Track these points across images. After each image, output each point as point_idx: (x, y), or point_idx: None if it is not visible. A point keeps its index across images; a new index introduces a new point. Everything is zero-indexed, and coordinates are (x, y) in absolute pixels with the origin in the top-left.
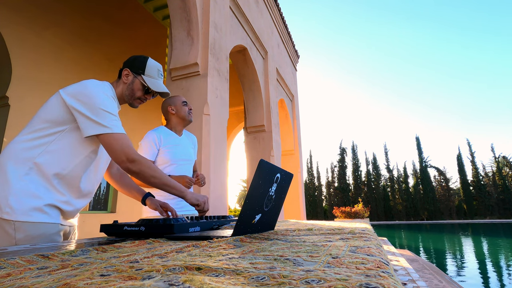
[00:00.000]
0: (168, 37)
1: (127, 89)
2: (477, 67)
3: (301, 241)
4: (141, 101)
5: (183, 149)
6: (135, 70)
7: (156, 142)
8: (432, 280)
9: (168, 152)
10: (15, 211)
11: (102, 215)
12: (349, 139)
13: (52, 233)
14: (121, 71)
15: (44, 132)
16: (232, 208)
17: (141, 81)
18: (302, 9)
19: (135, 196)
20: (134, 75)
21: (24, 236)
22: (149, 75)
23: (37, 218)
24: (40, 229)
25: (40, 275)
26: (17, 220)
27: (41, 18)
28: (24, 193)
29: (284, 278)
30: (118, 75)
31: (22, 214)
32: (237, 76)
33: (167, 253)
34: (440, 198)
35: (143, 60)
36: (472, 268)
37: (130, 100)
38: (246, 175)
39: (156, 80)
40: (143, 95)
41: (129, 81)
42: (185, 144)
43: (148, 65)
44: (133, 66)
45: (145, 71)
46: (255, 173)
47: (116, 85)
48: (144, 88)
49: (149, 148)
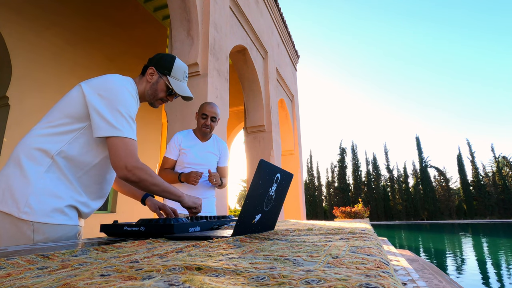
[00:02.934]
0: (168, 37)
1: (150, 88)
2: (477, 67)
3: (301, 241)
4: (162, 102)
5: (199, 153)
6: (161, 69)
7: (177, 143)
8: (432, 280)
9: (183, 155)
10: (35, 211)
11: (102, 215)
12: (349, 139)
13: (71, 235)
14: (145, 68)
15: (64, 127)
16: (232, 208)
17: (166, 82)
18: (302, 9)
19: (135, 196)
20: (159, 75)
21: (43, 238)
22: (175, 76)
23: (57, 220)
24: (59, 231)
25: (40, 275)
26: (37, 221)
27: (41, 18)
28: (45, 193)
29: (284, 278)
30: (142, 72)
31: (42, 215)
32: (237, 76)
33: (167, 253)
34: (440, 198)
35: (171, 60)
36: (472, 268)
37: (151, 100)
38: (246, 175)
39: (181, 82)
40: (166, 97)
41: (154, 81)
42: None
43: (175, 66)
44: (159, 65)
45: (171, 72)
46: (255, 173)
47: (138, 81)
48: (168, 90)
49: (172, 149)
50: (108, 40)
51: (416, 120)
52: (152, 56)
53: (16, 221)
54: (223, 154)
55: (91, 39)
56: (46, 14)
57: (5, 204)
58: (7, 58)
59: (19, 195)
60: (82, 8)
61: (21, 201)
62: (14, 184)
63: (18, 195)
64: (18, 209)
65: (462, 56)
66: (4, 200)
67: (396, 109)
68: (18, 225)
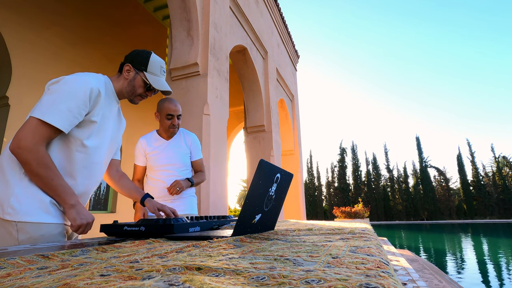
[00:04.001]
0: (168, 37)
1: (128, 85)
2: (477, 67)
3: (301, 241)
4: (141, 98)
5: (166, 154)
6: (137, 66)
7: (142, 148)
8: (432, 280)
9: (150, 159)
10: (17, 211)
11: (102, 215)
12: (349, 139)
13: (54, 233)
14: (122, 66)
15: None
16: (232, 208)
17: (143, 78)
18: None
19: (134, 197)
20: (136, 71)
21: (26, 238)
22: (152, 72)
23: (39, 218)
24: (42, 229)
25: (40, 275)
26: (20, 221)
27: (41, 18)
28: (25, 193)
29: (284, 278)
30: (119, 69)
31: (24, 215)
32: (237, 76)
33: (167, 253)
34: (440, 198)
35: (146, 55)
36: (472, 268)
37: (130, 96)
38: (246, 175)
39: (158, 77)
40: (144, 92)
41: (130, 77)
42: (171, 148)
43: (151, 61)
44: (135, 61)
45: (147, 67)
46: (255, 173)
47: (116, 79)
48: (146, 85)
49: (139, 155)
50: (108, 40)
51: (416, 120)
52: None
53: (2, 222)
54: (194, 147)
55: (91, 38)
56: (46, 14)
57: None
58: (7, 58)
59: (2, 198)
60: (82, 8)
61: (4, 203)
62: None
63: (1, 198)
64: (2, 210)
65: (462, 56)
66: None
67: (396, 109)
68: (4, 225)
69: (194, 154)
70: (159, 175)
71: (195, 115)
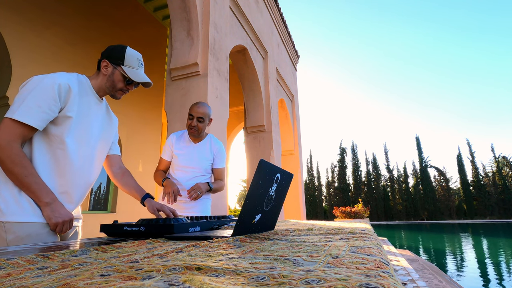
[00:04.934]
0: (168, 37)
1: (107, 80)
2: (477, 67)
3: (301, 241)
4: (123, 92)
5: (190, 156)
6: (113, 60)
7: (170, 144)
8: (432, 280)
9: (175, 158)
10: (4, 212)
11: (102, 215)
12: (349, 139)
13: (42, 232)
14: (99, 63)
15: None
16: (232, 208)
17: (121, 72)
18: (302, 9)
19: (135, 196)
20: (113, 66)
21: (13, 238)
22: (129, 65)
23: (25, 218)
24: (29, 229)
25: (40, 275)
26: (6, 221)
27: (41, 18)
28: (11, 194)
29: (284, 278)
30: (97, 67)
31: (11, 215)
32: (237, 76)
33: (167, 253)
34: (440, 198)
35: (121, 49)
36: (472, 268)
37: (111, 91)
38: (246, 175)
39: (136, 70)
40: (125, 86)
41: (109, 73)
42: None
43: (127, 55)
44: (111, 56)
45: (124, 61)
46: (255, 173)
47: (95, 77)
48: (125, 79)
49: (166, 150)
50: (108, 40)
51: (416, 120)
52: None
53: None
54: (218, 155)
55: (91, 38)
56: (46, 14)
57: None
58: (7, 58)
59: None
60: (82, 8)
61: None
62: None
63: None
64: None
65: (462, 56)
66: None
67: (396, 109)
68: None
69: (217, 162)
70: (178, 175)
71: None
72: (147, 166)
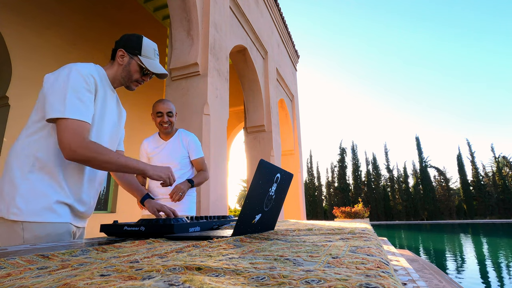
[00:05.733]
0: (168, 37)
1: (123, 70)
2: (477, 67)
3: (301, 241)
4: (138, 84)
5: (163, 154)
6: (130, 50)
7: (144, 150)
8: (432, 280)
9: (151, 160)
10: (23, 211)
11: (102, 215)
12: (349, 139)
13: (60, 232)
14: (114, 52)
15: (39, 124)
16: (232, 208)
17: (138, 62)
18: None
19: (134, 195)
20: (130, 56)
21: (31, 236)
22: (146, 55)
23: (45, 218)
24: (48, 229)
25: (40, 275)
26: (25, 220)
27: (41, 18)
28: (31, 193)
29: (284, 278)
30: (112, 56)
31: (30, 215)
32: (237, 76)
33: (167, 253)
34: (440, 198)
35: (138, 39)
36: (472, 268)
37: (127, 82)
38: (246, 175)
39: (153, 60)
40: (141, 77)
41: (125, 63)
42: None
43: (144, 45)
44: (127, 46)
45: (141, 51)
46: (255, 173)
47: (110, 67)
48: (142, 70)
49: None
50: (108, 40)
51: (416, 120)
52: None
53: (8, 222)
54: (192, 146)
55: (91, 39)
56: (46, 14)
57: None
58: (7, 58)
59: (8, 198)
60: (82, 8)
61: (10, 203)
62: (4, 187)
63: (7, 198)
64: (8, 211)
65: (462, 56)
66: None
67: (396, 109)
68: (9, 225)
69: (192, 153)
70: None
71: (195, 115)
72: None
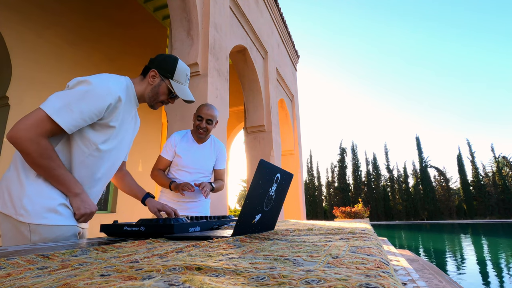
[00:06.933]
0: (168, 37)
1: (151, 91)
2: (477, 67)
3: (301, 241)
4: (162, 104)
5: (194, 157)
6: (163, 72)
7: (173, 144)
8: (432, 280)
9: (178, 158)
10: (29, 213)
11: (102, 215)
12: (349, 139)
13: (68, 235)
14: (147, 69)
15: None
16: (232, 208)
17: (168, 85)
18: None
19: (136, 196)
20: (161, 78)
21: (39, 239)
22: (178, 80)
23: (52, 221)
24: (55, 232)
25: (40, 275)
26: (32, 223)
27: (41, 18)
28: (38, 195)
29: (284, 278)
30: (143, 72)
31: (36, 217)
32: (237, 76)
33: (167, 253)
34: (440, 198)
35: (173, 62)
36: (472, 268)
37: (152, 102)
38: (246, 175)
39: (183, 86)
40: (167, 99)
41: (156, 83)
42: (200, 153)
43: (178, 69)
44: (162, 67)
45: (174, 75)
46: (255, 173)
47: (139, 82)
48: (170, 93)
49: (167, 149)
50: (108, 40)
51: (416, 120)
52: (154, 56)
53: (15, 222)
54: (220, 157)
55: (91, 38)
56: (46, 14)
57: (5, 207)
58: (7, 58)
59: (16, 198)
60: (82, 8)
61: (17, 204)
62: (12, 187)
63: (14, 198)
64: (15, 211)
65: (462, 56)
66: (5, 202)
67: (396, 109)
68: (17, 226)
69: (218, 163)
70: (180, 175)
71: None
72: (147, 166)
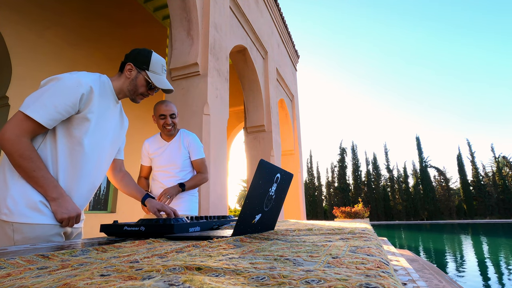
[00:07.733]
0: (168, 37)
1: (129, 84)
2: (477, 67)
3: (301, 241)
4: (143, 97)
5: (164, 156)
6: (138, 65)
7: (146, 150)
8: (432, 280)
9: (152, 160)
10: (12, 212)
11: (102, 215)
12: (349, 139)
13: (50, 234)
14: (123, 64)
15: None
16: (232, 208)
17: (145, 77)
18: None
19: (135, 196)
20: (138, 70)
21: (21, 238)
22: (154, 71)
23: (34, 220)
24: (37, 230)
25: (40, 275)
26: (15, 221)
27: (41, 18)
28: (21, 194)
29: (284, 278)
30: (120, 68)
31: (19, 216)
32: (237, 76)
33: (167, 253)
34: (440, 198)
35: (147, 54)
36: (472, 268)
37: (132, 95)
38: (246, 175)
39: (160, 76)
40: (146, 91)
41: (133, 77)
42: (169, 150)
43: (152, 60)
44: (136, 60)
45: (149, 66)
46: (255, 173)
47: (117, 78)
48: (148, 84)
49: (143, 156)
50: (108, 40)
51: (416, 120)
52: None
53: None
54: (193, 147)
55: (91, 38)
56: (46, 14)
57: None
58: (7, 58)
59: (0, 199)
60: (82, 8)
61: (1, 204)
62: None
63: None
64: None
65: (462, 56)
66: None
67: (396, 109)
68: (1, 225)
69: (193, 154)
70: (159, 176)
71: (195, 115)
72: None
